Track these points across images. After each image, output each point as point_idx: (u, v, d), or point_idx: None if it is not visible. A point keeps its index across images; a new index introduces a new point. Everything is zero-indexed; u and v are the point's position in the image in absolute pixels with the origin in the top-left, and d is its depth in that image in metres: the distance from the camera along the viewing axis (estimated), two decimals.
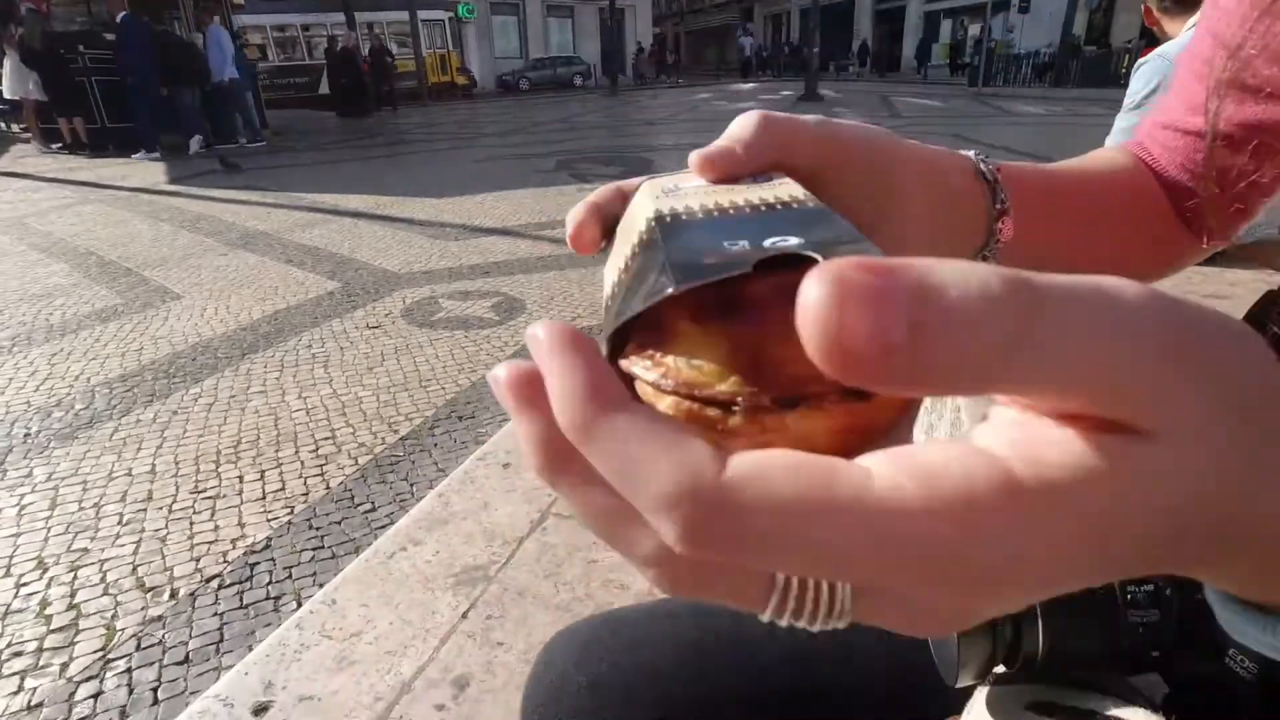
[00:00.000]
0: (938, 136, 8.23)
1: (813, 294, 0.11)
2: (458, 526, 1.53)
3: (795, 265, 0.14)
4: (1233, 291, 2.54)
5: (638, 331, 0.17)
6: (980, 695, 0.33)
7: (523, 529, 1.51)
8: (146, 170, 7.58)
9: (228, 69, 8.89)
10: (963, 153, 0.33)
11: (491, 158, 8.03)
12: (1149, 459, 0.12)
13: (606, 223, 0.25)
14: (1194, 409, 0.12)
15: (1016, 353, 0.11)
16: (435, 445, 2.14)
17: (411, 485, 1.92)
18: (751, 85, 23.66)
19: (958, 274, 0.11)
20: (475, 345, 2.87)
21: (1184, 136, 0.40)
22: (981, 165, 0.33)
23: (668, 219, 0.19)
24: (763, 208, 0.19)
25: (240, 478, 1.99)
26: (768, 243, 0.16)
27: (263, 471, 2.02)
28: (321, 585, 1.46)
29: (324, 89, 16.21)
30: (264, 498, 1.90)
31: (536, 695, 0.49)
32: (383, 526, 1.71)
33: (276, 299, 3.49)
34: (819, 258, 0.15)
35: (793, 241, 0.16)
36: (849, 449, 0.14)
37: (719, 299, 0.16)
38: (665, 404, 0.16)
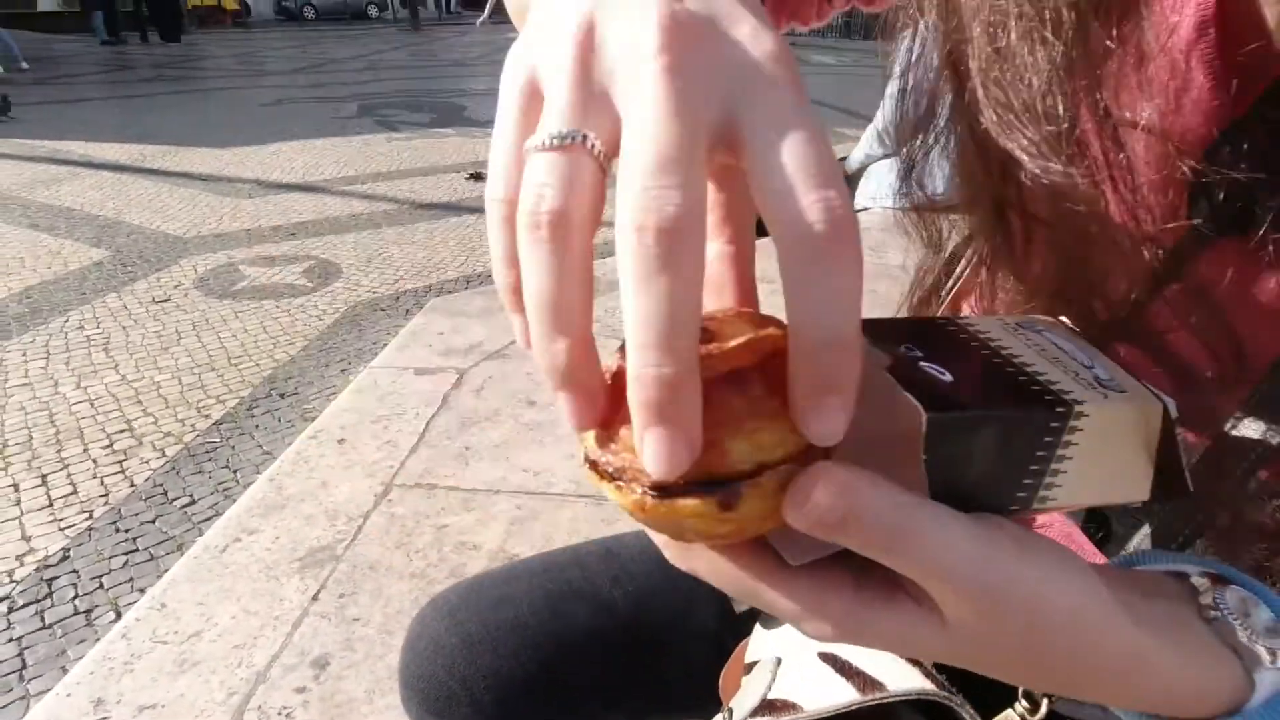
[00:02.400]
0: None
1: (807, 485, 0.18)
2: (296, 509, 1.49)
3: None
4: None
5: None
6: (760, 616, 0.44)
7: (367, 504, 1.50)
8: None
9: None
10: None
11: (281, 100, 7.21)
12: (934, 630, 0.20)
13: None
14: (969, 623, 0.20)
15: (887, 550, 0.19)
16: (257, 427, 2.00)
17: (235, 472, 1.81)
18: None
19: (881, 502, 0.18)
20: (289, 315, 2.67)
21: None
22: None
23: None
24: None
25: (15, 485, 1.75)
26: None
27: (43, 475, 1.79)
28: (143, 591, 1.36)
29: (45, 4, 13.35)
30: (50, 505, 1.69)
31: (412, 663, 0.54)
32: (207, 520, 1.60)
33: (25, 273, 2.97)
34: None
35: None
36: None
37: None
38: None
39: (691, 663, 0.53)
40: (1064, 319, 0.26)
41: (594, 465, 0.19)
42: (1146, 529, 0.27)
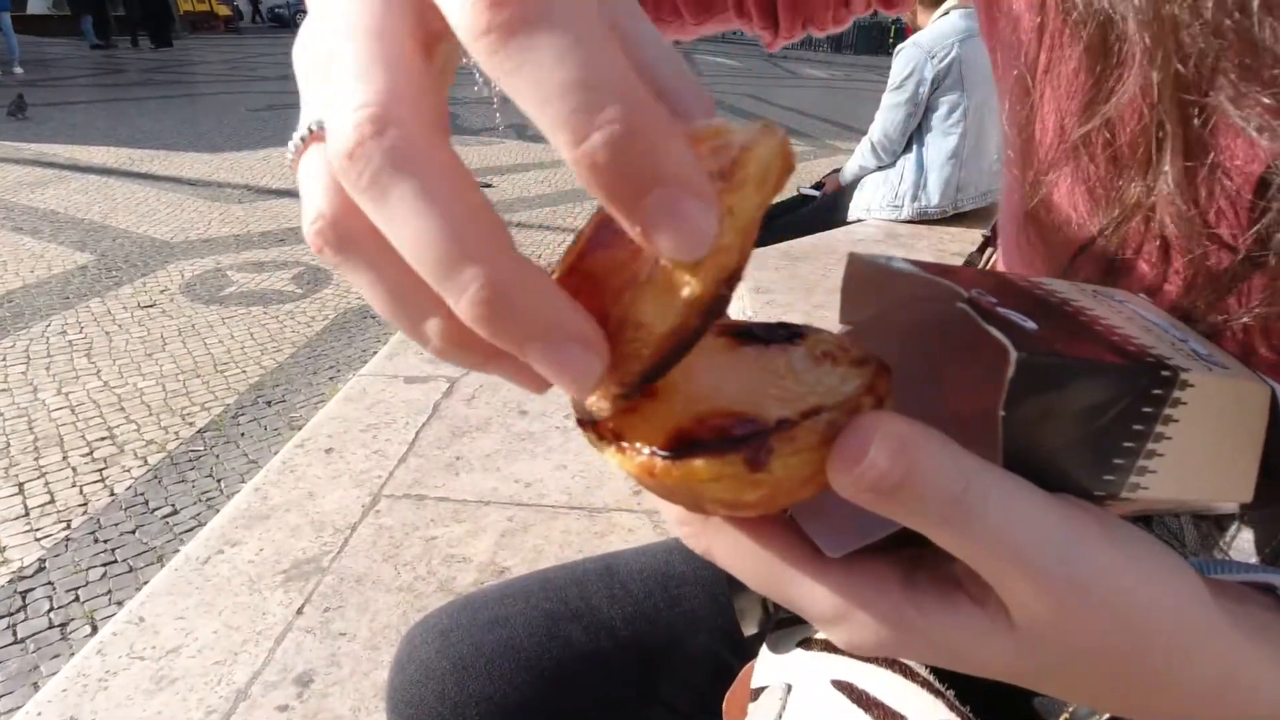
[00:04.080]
0: (736, 96, 8.71)
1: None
2: (281, 520, 1.45)
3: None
4: (969, 250, 3.05)
5: None
6: (768, 639, 0.42)
7: (354, 515, 1.47)
8: None
9: None
10: None
11: (273, 106, 7.17)
12: (998, 636, 0.17)
13: None
14: (1044, 625, 0.17)
15: (946, 522, 0.15)
16: (242, 435, 1.96)
17: (219, 481, 1.77)
18: None
19: (946, 463, 0.15)
20: (278, 322, 2.64)
21: None
22: None
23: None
24: None
25: None
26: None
27: (20, 484, 1.74)
28: (121, 604, 1.32)
29: (35, 7, 13.26)
30: (27, 514, 1.65)
31: (401, 687, 0.51)
32: (189, 531, 1.57)
33: (7, 276, 2.92)
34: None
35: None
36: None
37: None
38: None
39: (693, 686, 0.51)
40: (1142, 295, 0.23)
41: (591, 426, 0.16)
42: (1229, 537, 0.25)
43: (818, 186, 2.99)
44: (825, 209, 2.80)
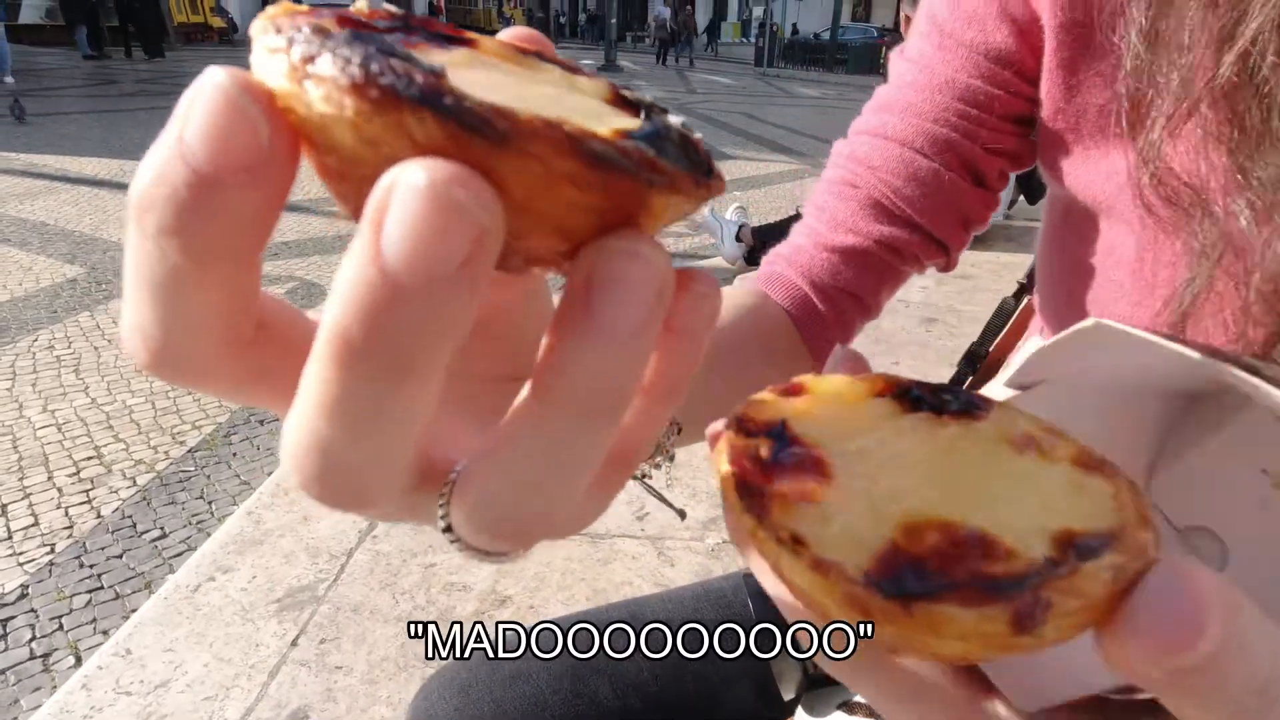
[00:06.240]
0: (731, 114, 8.76)
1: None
2: (275, 545, 1.41)
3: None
4: (975, 272, 3.05)
5: None
6: (804, 700, 0.40)
7: (351, 540, 1.43)
8: None
9: None
10: None
11: None
12: None
13: None
14: None
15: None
16: (234, 456, 1.92)
17: (210, 504, 1.72)
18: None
19: (1262, 643, 0.11)
20: None
21: (831, 253, 0.43)
22: None
23: None
24: None
25: None
26: None
27: (3, 506, 1.69)
28: (106, 632, 1.27)
29: (28, 16, 13.23)
30: (9, 537, 1.59)
31: None
32: (179, 555, 1.52)
33: None
34: None
35: None
36: None
37: None
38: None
39: None
40: None
41: (760, 509, 0.12)
42: None
43: None
44: None
